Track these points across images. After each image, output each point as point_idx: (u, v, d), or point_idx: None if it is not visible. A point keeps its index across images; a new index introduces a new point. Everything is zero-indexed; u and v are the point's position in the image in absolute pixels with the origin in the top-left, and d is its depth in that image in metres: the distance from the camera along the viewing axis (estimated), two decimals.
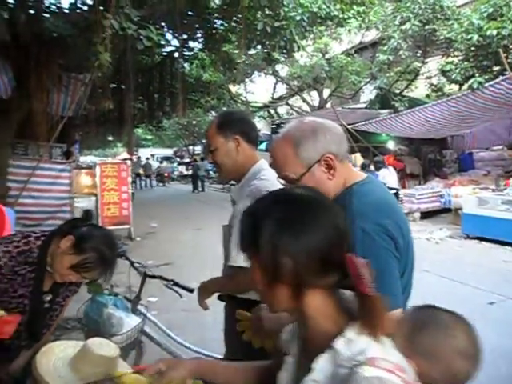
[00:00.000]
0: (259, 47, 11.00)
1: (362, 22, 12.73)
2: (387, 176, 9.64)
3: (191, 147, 36.15)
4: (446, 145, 14.11)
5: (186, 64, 13.19)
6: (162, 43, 9.19)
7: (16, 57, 6.55)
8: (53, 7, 7.58)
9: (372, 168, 10.45)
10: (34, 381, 1.43)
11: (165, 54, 12.00)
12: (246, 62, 14.12)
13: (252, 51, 12.46)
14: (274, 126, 17.98)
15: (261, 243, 0.83)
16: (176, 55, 11.72)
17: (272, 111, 22.86)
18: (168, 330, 2.81)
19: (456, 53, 12.37)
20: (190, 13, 9.10)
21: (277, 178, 1.39)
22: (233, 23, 9.57)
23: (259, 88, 21.90)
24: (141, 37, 6.37)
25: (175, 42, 11.15)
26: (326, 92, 19.07)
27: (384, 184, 1.79)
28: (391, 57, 12.88)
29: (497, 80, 8.43)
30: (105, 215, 8.61)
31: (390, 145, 13.76)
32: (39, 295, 1.73)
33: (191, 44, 11.76)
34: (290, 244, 0.81)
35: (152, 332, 2.68)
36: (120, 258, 2.08)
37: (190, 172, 24.69)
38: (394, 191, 8.97)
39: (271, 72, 18.58)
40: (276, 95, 22.32)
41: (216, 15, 9.40)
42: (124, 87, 10.38)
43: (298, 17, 8.64)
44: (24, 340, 1.75)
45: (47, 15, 7.08)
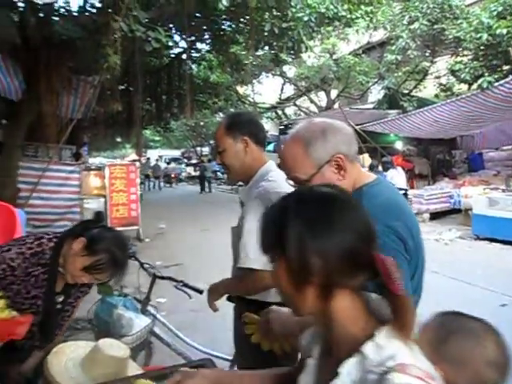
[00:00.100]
0: (267, 48, 11.02)
1: (370, 22, 12.68)
2: (395, 176, 9.59)
3: (199, 148, 36.27)
4: (456, 145, 13.99)
5: (194, 65, 13.24)
6: (170, 45, 9.26)
7: (26, 60, 6.63)
8: (62, 10, 7.65)
9: (380, 168, 10.40)
10: (46, 381, 1.44)
11: (173, 56, 12.06)
12: (254, 63, 14.11)
13: (260, 52, 12.47)
14: (282, 127, 17.96)
15: (288, 243, 0.80)
16: (184, 57, 11.76)
17: (280, 112, 22.85)
18: (177, 331, 2.82)
19: (465, 52, 12.26)
20: (198, 14, 9.13)
21: (286, 180, 1.39)
22: (240, 24, 9.60)
23: (267, 89, 21.91)
24: (149, 39, 6.41)
25: (183, 44, 11.22)
26: (334, 92, 19.01)
27: (393, 185, 1.78)
28: (399, 56, 12.81)
29: (507, 79, 8.33)
30: (114, 216, 8.66)
31: (399, 145, 13.67)
32: (52, 296, 1.75)
33: (199, 45, 11.82)
34: (319, 243, 0.78)
35: (161, 333, 2.70)
36: (130, 259, 2.09)
37: (198, 173, 24.78)
38: (403, 192, 8.91)
39: (279, 73, 18.57)
40: (284, 96, 22.31)
41: (224, 16, 9.42)
42: (132, 89, 10.45)
43: (306, 17, 8.64)
44: (37, 340, 1.76)
45: (56, 18, 7.15)
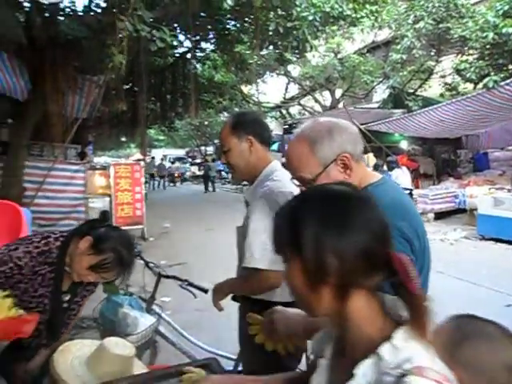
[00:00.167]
0: (271, 47, 11.00)
1: (375, 21, 12.59)
2: (400, 176, 9.56)
3: (203, 148, 36.30)
4: (461, 144, 13.92)
5: (199, 65, 13.25)
6: (175, 44, 9.25)
7: (32, 59, 6.66)
8: (67, 10, 7.68)
9: (385, 168, 10.37)
10: (52, 379, 1.45)
11: (177, 55, 12.06)
12: (259, 63, 14.12)
13: (264, 51, 12.46)
14: (286, 127, 17.96)
15: (303, 243, 0.78)
16: (188, 56, 11.78)
17: (284, 111, 22.83)
18: (182, 330, 2.83)
19: (471, 51, 12.20)
20: (203, 14, 9.13)
21: (290, 180, 1.39)
22: (245, 24, 9.59)
23: (271, 88, 21.90)
24: (154, 38, 6.42)
25: (188, 43, 11.22)
26: (339, 92, 18.98)
27: (398, 185, 1.78)
28: (404, 56, 12.77)
29: None
30: (119, 215, 8.69)
31: (403, 145, 13.64)
32: (59, 295, 1.76)
33: (203, 45, 11.81)
34: (336, 242, 0.77)
35: (166, 332, 2.70)
36: (135, 259, 2.10)
37: (202, 173, 24.82)
38: (408, 191, 8.88)
39: (283, 72, 18.57)
40: (288, 95, 22.29)
41: (228, 16, 9.42)
42: (137, 88, 10.46)
43: (311, 17, 8.61)
44: (44, 338, 1.78)
45: (62, 18, 7.18)
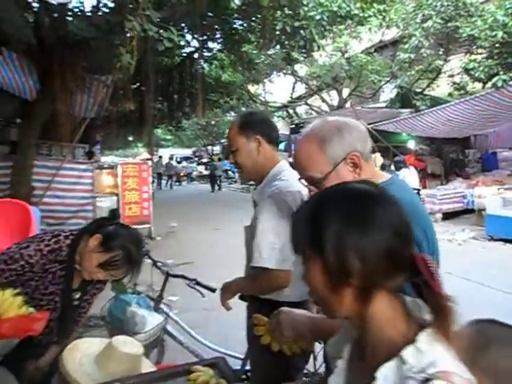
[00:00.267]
0: (278, 47, 10.99)
1: (383, 21, 12.58)
2: (408, 176, 9.51)
3: (210, 147, 36.36)
4: (469, 144, 13.82)
5: (206, 65, 13.27)
6: (182, 44, 9.28)
7: (40, 59, 6.71)
8: (76, 10, 7.73)
9: (392, 168, 10.32)
10: (61, 377, 1.46)
11: (184, 55, 12.10)
12: (266, 62, 14.12)
13: (271, 51, 12.46)
14: (293, 126, 17.93)
15: (324, 242, 0.76)
16: (196, 56, 11.81)
17: (291, 111, 22.79)
18: (189, 329, 2.84)
19: (479, 50, 12.11)
20: (210, 14, 9.15)
21: (298, 180, 1.37)
22: (252, 23, 9.59)
23: (278, 88, 21.87)
24: (161, 38, 6.44)
25: (195, 43, 11.25)
26: (346, 91, 18.91)
27: (406, 184, 1.76)
28: (412, 55, 12.70)
29: None
30: (126, 215, 8.73)
31: (411, 144, 13.56)
32: (69, 293, 1.78)
33: (211, 45, 11.84)
34: (358, 241, 0.75)
35: (174, 331, 2.71)
36: (144, 257, 2.11)
37: (208, 172, 24.88)
38: (415, 191, 8.83)
39: (290, 72, 18.53)
40: (295, 95, 22.24)
41: (236, 15, 9.43)
42: (144, 88, 10.50)
43: (318, 16, 8.60)
44: (55, 336, 1.80)
45: (70, 18, 7.23)
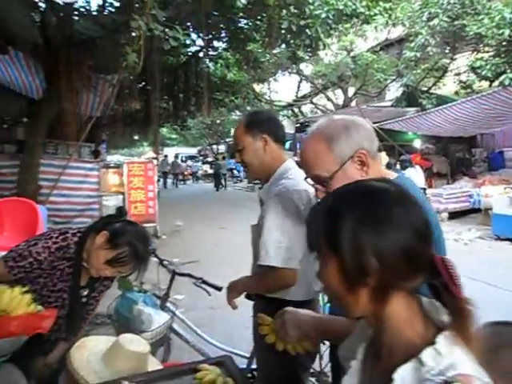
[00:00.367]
0: (284, 46, 10.98)
1: (389, 19, 12.50)
2: (414, 175, 9.46)
3: (215, 146, 36.40)
4: (476, 143, 13.74)
5: (211, 63, 13.29)
6: (188, 43, 9.30)
7: (47, 59, 6.75)
8: (82, 9, 7.77)
9: (398, 167, 10.27)
10: (69, 374, 1.47)
11: (190, 54, 12.13)
12: (271, 61, 14.09)
13: (277, 50, 12.45)
14: (298, 125, 17.91)
15: (341, 240, 0.75)
16: (201, 55, 11.83)
17: (296, 110, 22.75)
18: (196, 328, 2.84)
19: (486, 48, 12.01)
20: (215, 13, 9.16)
21: (304, 179, 1.37)
22: (258, 22, 9.59)
23: (283, 87, 21.81)
24: (167, 37, 6.45)
25: (200, 42, 11.28)
26: (351, 90, 18.85)
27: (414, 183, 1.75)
28: (418, 53, 12.61)
29: None
30: (132, 213, 8.74)
31: (417, 143, 13.50)
32: (77, 290, 1.80)
33: (216, 43, 11.87)
34: (376, 240, 0.73)
35: (180, 329, 2.72)
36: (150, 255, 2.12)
37: (213, 171, 24.94)
38: (421, 191, 8.79)
39: (295, 71, 18.50)
40: (300, 94, 22.18)
41: (241, 14, 9.43)
42: (150, 87, 10.54)
43: (324, 14, 8.57)
44: (63, 332, 1.81)
45: (77, 18, 7.26)
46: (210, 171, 29.03)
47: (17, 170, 6.75)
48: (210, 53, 12.29)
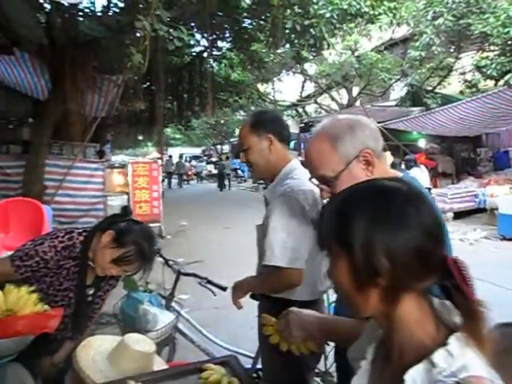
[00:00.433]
0: (288, 46, 10.98)
1: (393, 18, 12.46)
2: (419, 175, 9.43)
3: (219, 146, 36.44)
4: (481, 143, 13.67)
5: (215, 64, 13.31)
6: (192, 43, 9.31)
7: (52, 60, 6.77)
8: (86, 10, 7.79)
9: (403, 167, 10.24)
10: (75, 373, 1.48)
11: (194, 54, 12.16)
12: (275, 61, 14.09)
13: (281, 50, 12.44)
14: (303, 125, 17.88)
15: (352, 239, 0.74)
16: (205, 55, 11.84)
17: (300, 110, 22.72)
18: (200, 328, 2.84)
19: (492, 47, 11.95)
20: (220, 13, 9.17)
21: (309, 179, 1.37)
22: (262, 22, 9.60)
23: (287, 87, 21.79)
24: (171, 37, 6.46)
25: (204, 42, 11.29)
26: (355, 90, 18.80)
27: (419, 183, 1.74)
28: (423, 53, 12.57)
29: None
30: (136, 213, 8.75)
31: (422, 143, 13.46)
32: (83, 289, 1.81)
33: (220, 44, 11.89)
34: (388, 240, 0.72)
35: (185, 329, 2.72)
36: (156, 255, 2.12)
37: (217, 171, 25.00)
38: (427, 190, 8.77)
39: (299, 70, 18.47)
40: (304, 94, 22.16)
41: (245, 14, 9.44)
42: (154, 88, 10.56)
43: (328, 14, 8.56)
44: (69, 331, 1.82)
45: (81, 18, 7.29)
46: (215, 171, 29.10)
47: (22, 171, 6.78)
48: (215, 53, 12.31)
